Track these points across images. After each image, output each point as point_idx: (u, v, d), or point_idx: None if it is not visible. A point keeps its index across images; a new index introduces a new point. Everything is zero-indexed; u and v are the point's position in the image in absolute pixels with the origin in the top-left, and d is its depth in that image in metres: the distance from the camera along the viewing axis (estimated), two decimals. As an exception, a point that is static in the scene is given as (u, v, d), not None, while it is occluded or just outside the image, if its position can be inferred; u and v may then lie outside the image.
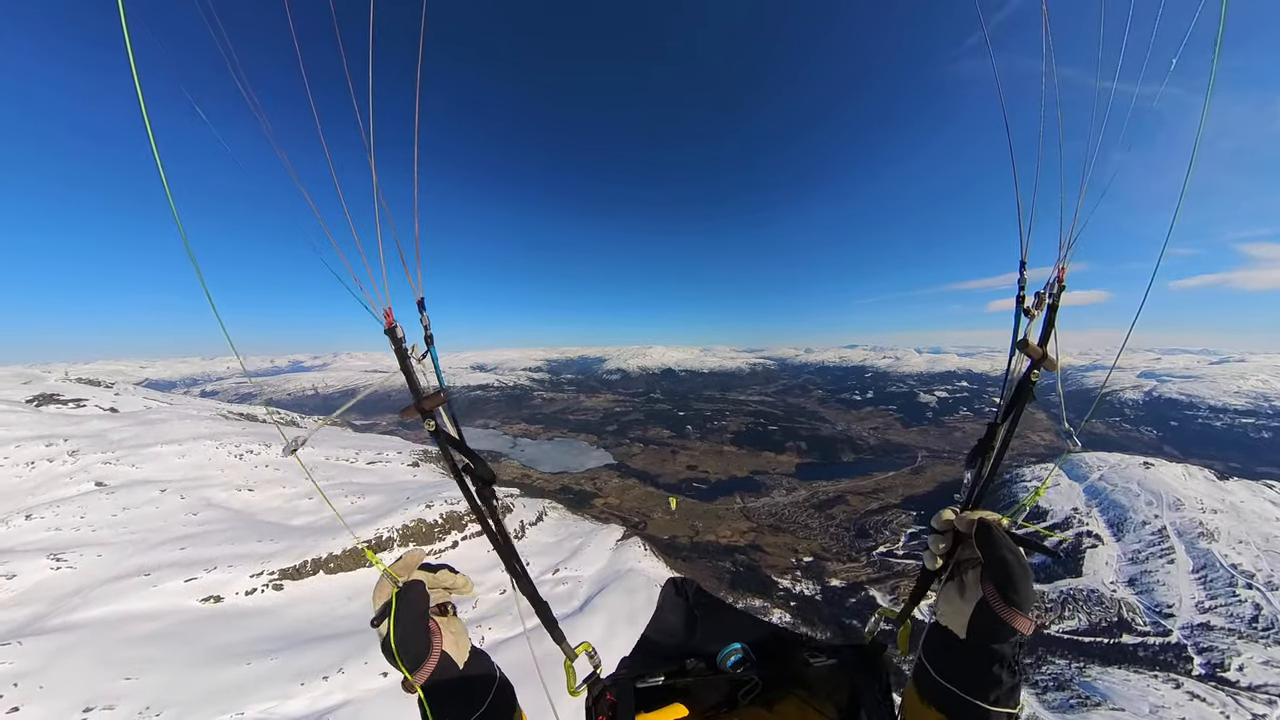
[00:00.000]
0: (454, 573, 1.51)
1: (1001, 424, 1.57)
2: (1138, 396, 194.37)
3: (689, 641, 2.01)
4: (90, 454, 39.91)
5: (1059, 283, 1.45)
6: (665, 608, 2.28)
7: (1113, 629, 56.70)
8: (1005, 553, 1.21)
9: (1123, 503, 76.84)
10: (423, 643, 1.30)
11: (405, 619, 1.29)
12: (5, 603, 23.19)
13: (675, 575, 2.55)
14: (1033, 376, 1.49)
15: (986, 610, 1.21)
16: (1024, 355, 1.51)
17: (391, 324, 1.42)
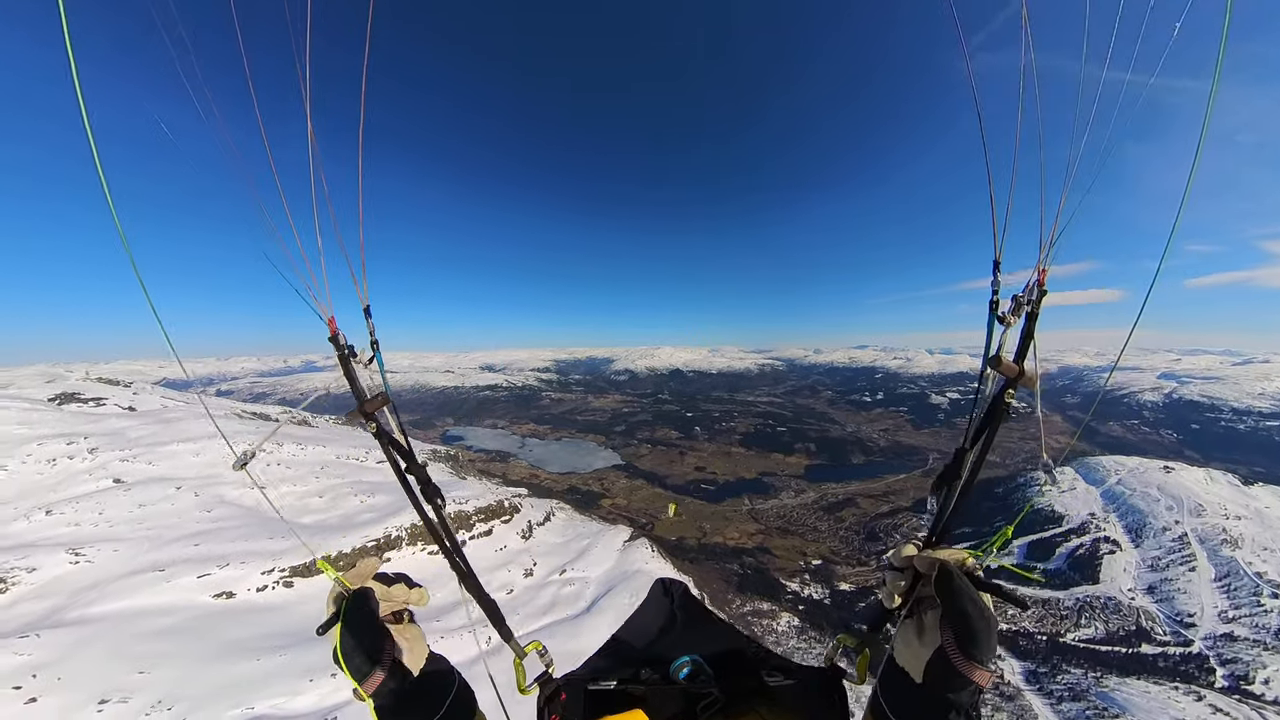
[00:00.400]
0: (410, 585, 1.49)
1: (970, 449, 1.45)
2: (1157, 398, 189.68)
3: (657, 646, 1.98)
4: (109, 451, 40.82)
5: (1039, 287, 1.29)
6: (647, 608, 2.27)
7: (1131, 638, 55.33)
8: (966, 604, 1.13)
9: (1142, 508, 75.03)
10: (372, 650, 1.28)
11: (354, 626, 1.27)
12: (25, 596, 23.75)
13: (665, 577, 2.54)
14: (1008, 396, 1.35)
15: (944, 659, 1.14)
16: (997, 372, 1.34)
17: (334, 332, 1.45)
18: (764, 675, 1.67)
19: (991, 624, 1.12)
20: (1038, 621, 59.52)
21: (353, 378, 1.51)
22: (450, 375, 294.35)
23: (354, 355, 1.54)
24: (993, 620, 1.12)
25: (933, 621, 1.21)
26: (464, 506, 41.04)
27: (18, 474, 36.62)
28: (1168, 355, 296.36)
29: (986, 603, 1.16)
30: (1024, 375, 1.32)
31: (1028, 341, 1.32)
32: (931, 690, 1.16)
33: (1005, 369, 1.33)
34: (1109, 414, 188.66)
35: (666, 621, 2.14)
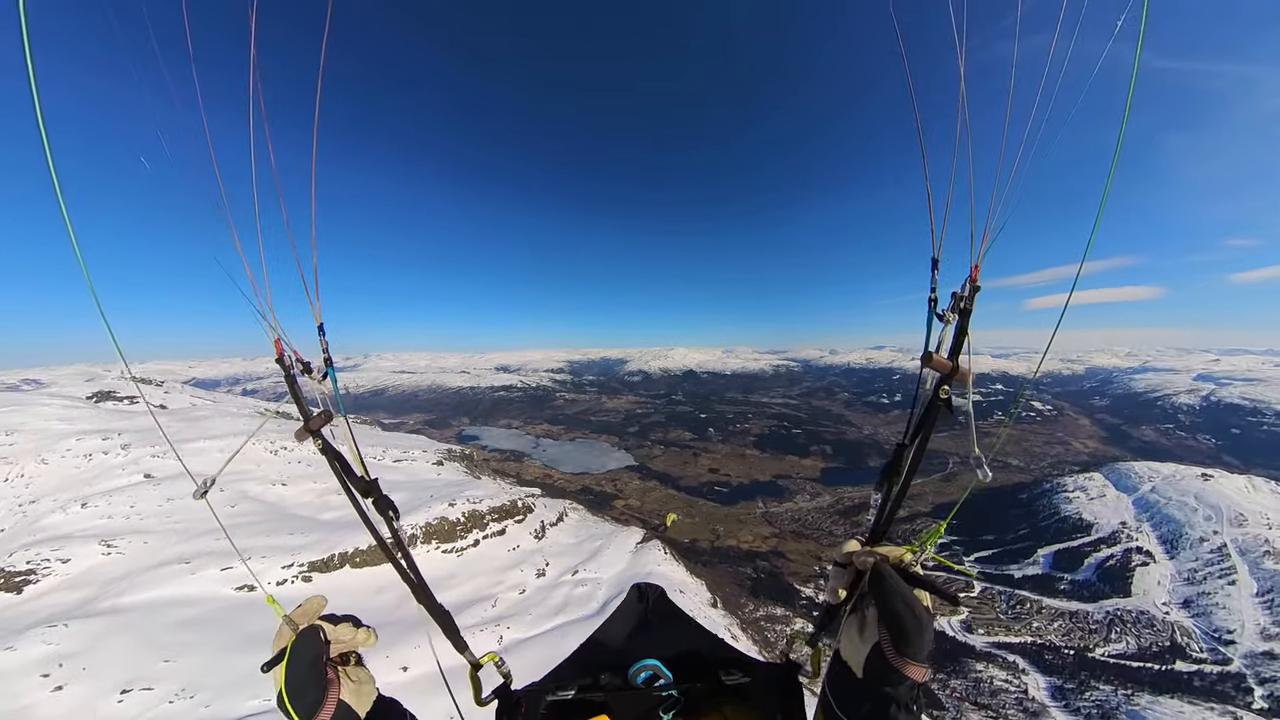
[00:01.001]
0: (356, 626, 1.48)
1: (910, 445, 1.48)
2: (1194, 401, 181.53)
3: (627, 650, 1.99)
4: (140, 447, 42.36)
5: (972, 283, 1.30)
6: (621, 613, 2.30)
7: (1164, 654, 52.97)
8: (898, 604, 1.18)
9: (1177, 517, 71.84)
10: (316, 691, 1.27)
11: (300, 666, 1.26)
12: (59, 586, 24.74)
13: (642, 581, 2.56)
14: (942, 392, 1.37)
15: (880, 655, 1.20)
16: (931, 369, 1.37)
17: (280, 354, 1.48)
18: (721, 675, 1.69)
19: (924, 622, 1.16)
20: (1064, 635, 57.45)
21: (298, 396, 1.52)
22: (466, 376, 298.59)
23: (309, 372, 1.56)
24: (925, 618, 1.17)
25: (873, 618, 1.25)
26: (478, 506, 41.42)
27: (57, 468, 38.27)
28: (1205, 355, 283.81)
29: (923, 600, 1.22)
30: (958, 371, 1.34)
31: (961, 338, 1.33)
32: (871, 684, 1.21)
33: (938, 365, 1.35)
34: (1141, 418, 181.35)
35: (638, 626, 2.17)
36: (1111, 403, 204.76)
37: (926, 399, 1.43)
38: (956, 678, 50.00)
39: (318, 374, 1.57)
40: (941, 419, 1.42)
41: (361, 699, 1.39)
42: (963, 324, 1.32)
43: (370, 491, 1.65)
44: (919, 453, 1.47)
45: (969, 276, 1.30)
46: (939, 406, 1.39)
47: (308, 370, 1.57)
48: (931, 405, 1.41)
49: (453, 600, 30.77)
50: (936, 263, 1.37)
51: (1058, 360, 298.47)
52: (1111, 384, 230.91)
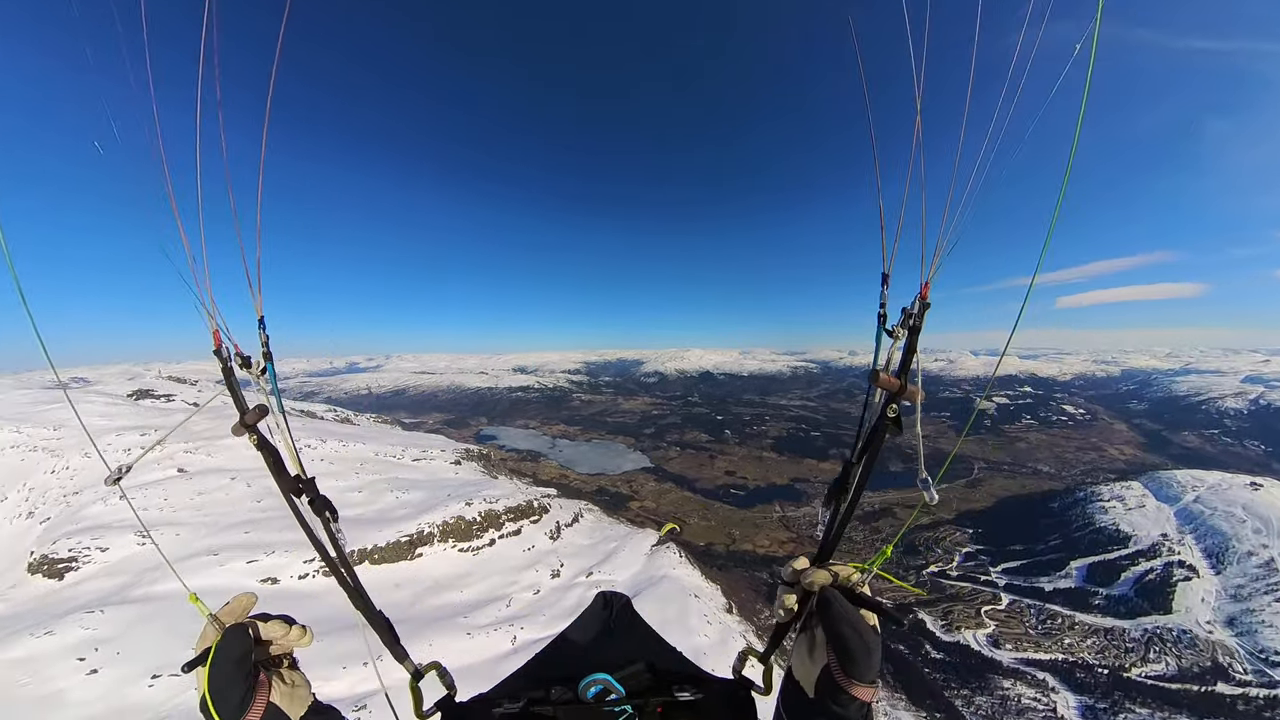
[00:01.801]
0: (289, 624, 1.40)
1: (857, 463, 1.46)
2: (1241, 405, 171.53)
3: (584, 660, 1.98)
4: (174, 444, 44.12)
5: (921, 300, 1.28)
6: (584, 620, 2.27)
7: (1206, 676, 50.06)
8: (843, 628, 1.20)
9: (1224, 529, 67.95)
10: (241, 691, 1.20)
11: (224, 667, 1.19)
12: (97, 573, 25.88)
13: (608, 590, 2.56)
14: (890, 410, 1.34)
15: (830, 677, 1.22)
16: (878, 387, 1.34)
17: (219, 345, 1.45)
18: (674, 690, 1.68)
19: (870, 645, 1.18)
20: (1098, 653, 54.83)
21: (234, 389, 1.49)
22: (484, 376, 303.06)
23: (247, 366, 1.51)
24: (872, 641, 1.19)
25: (822, 639, 1.27)
26: (494, 506, 41.82)
27: (99, 461, 40.17)
28: (1254, 356, 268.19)
29: (869, 621, 1.24)
30: (905, 390, 1.31)
31: (910, 356, 1.31)
32: (822, 704, 1.23)
33: (884, 383, 1.32)
34: (1184, 423, 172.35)
35: (599, 635, 2.14)
36: (1151, 406, 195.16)
37: (875, 417, 1.39)
38: (982, 694, 48.21)
39: (257, 368, 1.51)
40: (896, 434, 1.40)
41: (295, 704, 1.31)
42: (911, 341, 1.30)
43: (302, 490, 1.59)
44: (866, 471, 1.44)
45: (919, 294, 1.26)
46: (886, 425, 1.35)
47: (247, 364, 1.51)
48: (878, 424, 1.37)
49: (467, 599, 31.10)
50: (886, 278, 1.35)
51: (1090, 361, 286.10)
52: (1150, 387, 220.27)
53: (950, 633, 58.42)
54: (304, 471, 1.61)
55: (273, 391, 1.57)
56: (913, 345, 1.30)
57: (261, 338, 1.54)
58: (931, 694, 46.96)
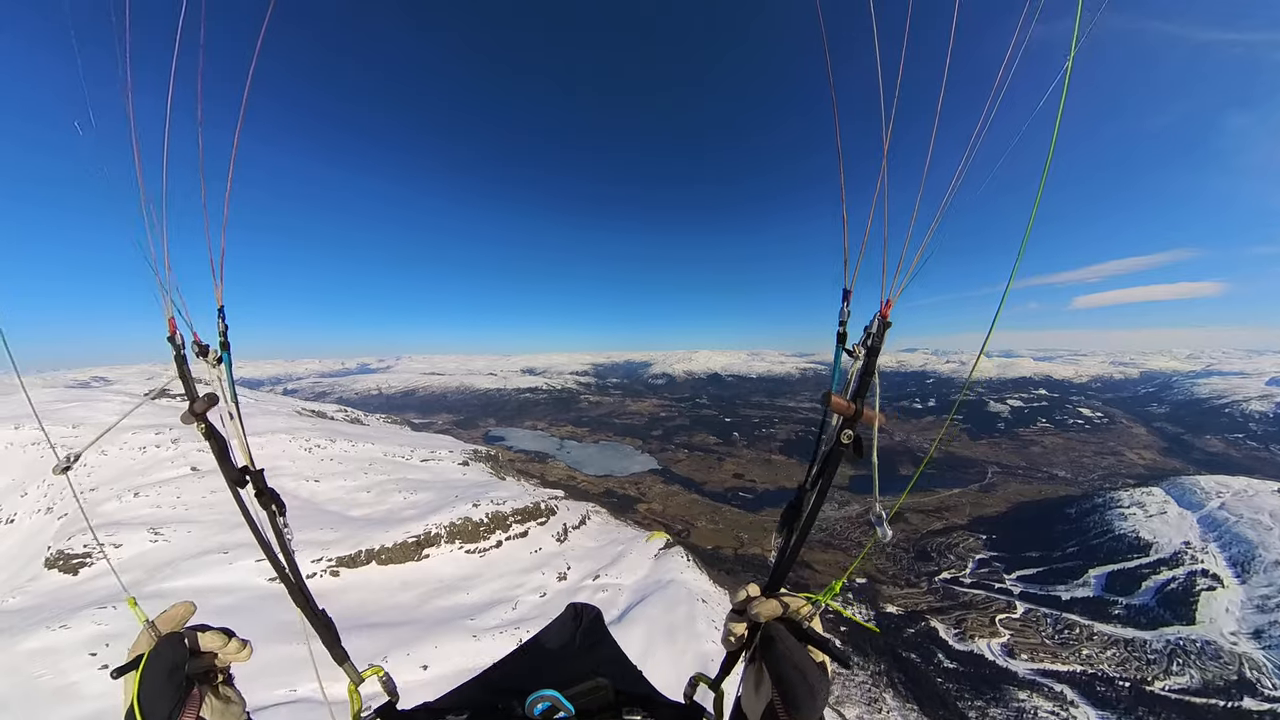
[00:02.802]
0: (228, 636, 1.36)
1: (811, 489, 1.42)
2: (1266, 408, 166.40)
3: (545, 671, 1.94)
4: (188, 442, 44.78)
5: (882, 319, 1.21)
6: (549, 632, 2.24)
7: (1232, 690, 48.38)
8: (786, 669, 1.17)
9: (1249, 537, 65.80)
10: (171, 703, 1.15)
11: (155, 674, 1.16)
12: (110, 569, 26.21)
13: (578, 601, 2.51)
14: (844, 437, 1.27)
15: (774, 714, 1.19)
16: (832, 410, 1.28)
17: (173, 332, 1.45)
18: (623, 712, 1.64)
19: (814, 686, 1.13)
20: (1119, 665, 53.30)
21: (186, 377, 1.48)
22: (493, 378, 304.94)
23: (204, 355, 1.50)
24: (817, 681, 1.14)
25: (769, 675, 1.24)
26: (501, 507, 41.79)
27: (115, 459, 40.90)
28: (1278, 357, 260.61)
29: (817, 657, 1.20)
30: (862, 414, 1.25)
31: (866, 378, 1.25)
32: None
33: (837, 407, 1.25)
34: (1206, 426, 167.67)
35: (562, 648, 2.12)
36: (1171, 410, 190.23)
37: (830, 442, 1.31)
38: (996, 706, 47.05)
39: (213, 357, 1.50)
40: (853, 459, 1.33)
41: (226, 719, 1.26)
42: (869, 363, 1.22)
43: (246, 481, 1.56)
44: (820, 497, 1.39)
45: (879, 312, 1.19)
46: (841, 451, 1.27)
47: (203, 352, 1.50)
48: (833, 449, 1.29)
49: (474, 601, 31.04)
50: (848, 294, 1.26)
51: (1108, 363, 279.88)
52: (1171, 389, 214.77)
53: (964, 641, 57.21)
54: (253, 463, 1.58)
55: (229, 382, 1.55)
56: (870, 367, 1.21)
57: (220, 327, 1.52)
58: (944, 704, 45.94)
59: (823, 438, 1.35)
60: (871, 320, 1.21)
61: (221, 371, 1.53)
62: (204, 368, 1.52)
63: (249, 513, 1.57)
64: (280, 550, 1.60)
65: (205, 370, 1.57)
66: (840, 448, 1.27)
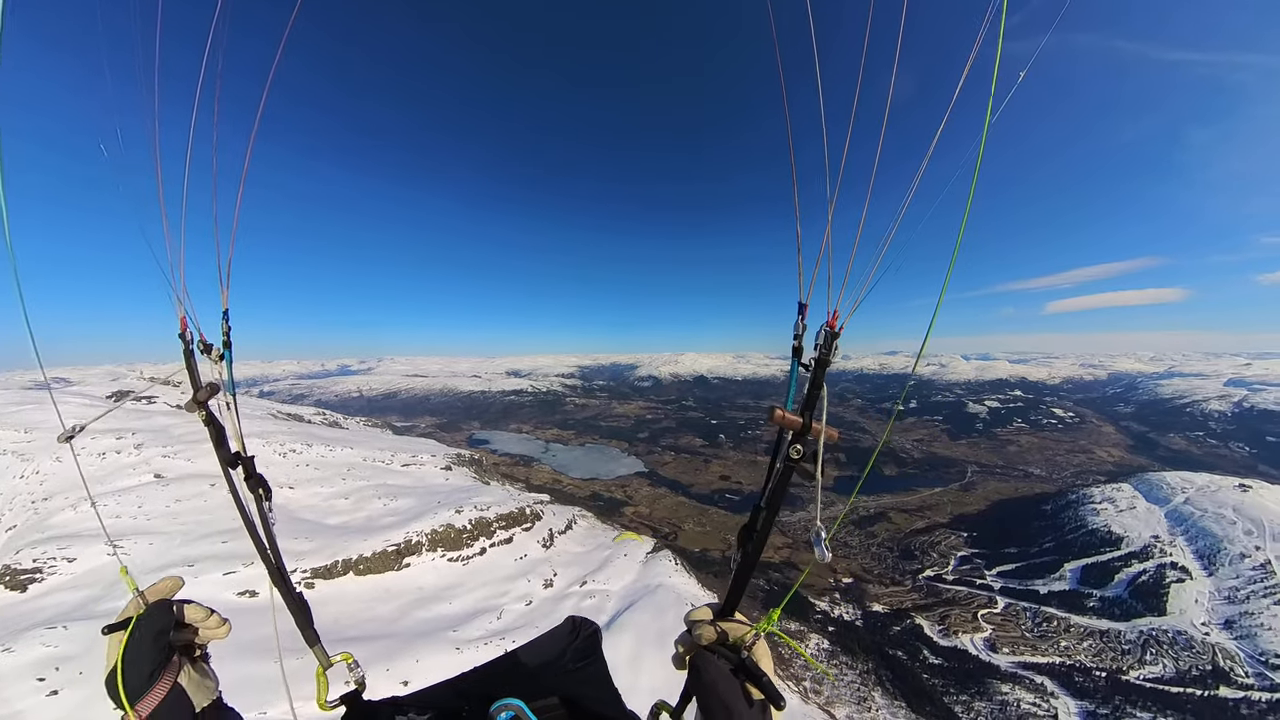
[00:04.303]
0: (210, 612, 1.45)
1: (765, 508, 1.41)
2: (1225, 408, 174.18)
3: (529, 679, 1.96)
4: (153, 447, 42.54)
5: (829, 330, 1.18)
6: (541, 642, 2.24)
7: (1207, 679, 49.93)
8: (707, 696, 1.17)
9: (1215, 531, 68.31)
10: (152, 666, 1.23)
11: (142, 636, 1.24)
12: (62, 585, 24.47)
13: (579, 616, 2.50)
14: (794, 451, 1.22)
15: None
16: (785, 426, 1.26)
17: (184, 329, 1.63)
18: None
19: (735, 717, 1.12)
20: (1095, 655, 54.60)
21: (193, 370, 1.64)
22: (477, 380, 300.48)
23: (207, 351, 1.66)
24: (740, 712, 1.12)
25: None
26: (485, 513, 40.67)
27: (70, 466, 38.45)
28: (1236, 359, 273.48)
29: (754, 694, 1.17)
30: (810, 427, 1.22)
31: (815, 392, 1.21)
32: None
33: (783, 419, 1.22)
34: (1170, 425, 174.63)
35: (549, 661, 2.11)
36: (1137, 409, 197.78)
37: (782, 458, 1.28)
38: (981, 700, 47.66)
39: (215, 354, 1.65)
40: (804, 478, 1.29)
41: (200, 693, 1.35)
42: (816, 376, 1.19)
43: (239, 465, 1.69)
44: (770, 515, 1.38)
45: (826, 322, 1.18)
46: (790, 467, 1.24)
47: (207, 350, 1.65)
48: (784, 466, 1.26)
49: (456, 611, 29.97)
50: (804, 307, 1.26)
51: (1078, 365, 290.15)
52: (1136, 390, 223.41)
53: (947, 637, 57.94)
54: (244, 450, 1.70)
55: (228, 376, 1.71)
56: (818, 380, 1.18)
57: (224, 328, 1.69)
58: (931, 700, 46.31)
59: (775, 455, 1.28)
60: (818, 331, 1.18)
61: (223, 368, 1.68)
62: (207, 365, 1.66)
63: (238, 494, 1.67)
64: (264, 532, 1.69)
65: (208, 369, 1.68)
66: (790, 463, 1.20)
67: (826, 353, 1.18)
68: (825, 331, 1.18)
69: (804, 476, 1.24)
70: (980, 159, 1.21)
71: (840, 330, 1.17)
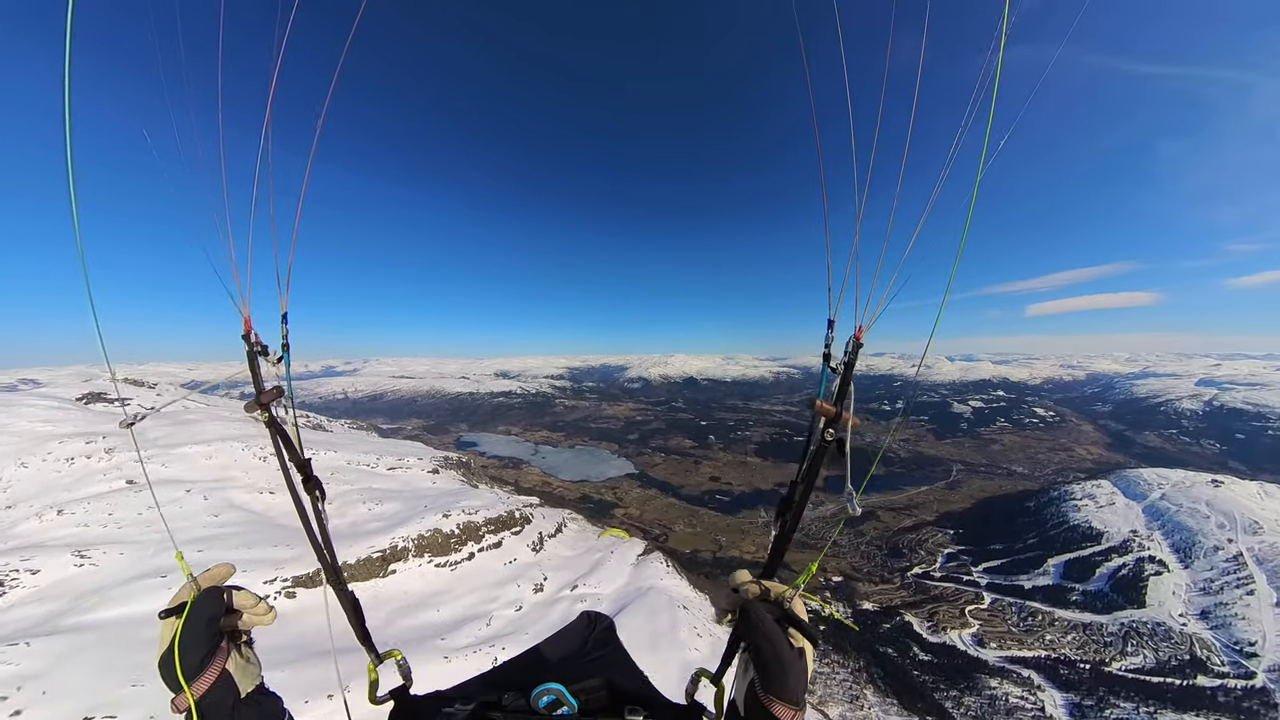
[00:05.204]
0: (258, 598, 1.50)
1: (802, 483, 1.61)
2: (1197, 406, 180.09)
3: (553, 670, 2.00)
4: (125, 452, 40.87)
5: (856, 341, 1.50)
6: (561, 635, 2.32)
7: (1185, 669, 51.22)
8: (758, 639, 1.25)
9: (1190, 525, 70.30)
10: (204, 651, 1.28)
11: (196, 621, 1.29)
12: (25, 599, 23.22)
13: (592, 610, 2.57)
14: (827, 435, 1.50)
15: (753, 694, 1.26)
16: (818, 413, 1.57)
17: (248, 330, 1.64)
18: (626, 711, 1.70)
19: (785, 660, 1.21)
20: (1079, 648, 55.66)
21: (256, 371, 1.66)
22: (466, 381, 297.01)
23: (265, 354, 1.68)
24: (787, 655, 1.22)
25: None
26: (474, 517, 39.91)
27: (36, 472, 36.80)
28: (1206, 360, 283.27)
29: (797, 642, 1.28)
30: (840, 416, 1.49)
31: (845, 388, 1.50)
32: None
33: (820, 409, 1.50)
34: (1145, 423, 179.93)
35: (573, 652, 2.19)
36: (1114, 408, 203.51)
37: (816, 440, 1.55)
38: (970, 695, 48.20)
39: (273, 356, 1.68)
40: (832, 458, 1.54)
41: (245, 678, 1.39)
42: (845, 376, 1.48)
43: (305, 469, 1.75)
44: (809, 487, 1.58)
45: (854, 335, 1.47)
46: (825, 447, 1.50)
47: (264, 352, 1.67)
48: (820, 445, 1.52)
49: (444, 618, 29.25)
50: (832, 324, 1.56)
51: (1058, 366, 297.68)
52: (1113, 389, 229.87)
53: (936, 633, 58.59)
54: (302, 452, 1.75)
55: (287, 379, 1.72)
56: (847, 379, 1.47)
57: (283, 330, 1.71)
58: (922, 697, 46.70)
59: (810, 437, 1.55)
60: (848, 341, 1.47)
61: (281, 369, 1.70)
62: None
63: (298, 496, 1.72)
64: (320, 533, 1.73)
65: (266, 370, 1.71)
66: (824, 444, 1.47)
67: (854, 357, 1.45)
68: (853, 342, 1.46)
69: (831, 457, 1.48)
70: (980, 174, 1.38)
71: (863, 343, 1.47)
